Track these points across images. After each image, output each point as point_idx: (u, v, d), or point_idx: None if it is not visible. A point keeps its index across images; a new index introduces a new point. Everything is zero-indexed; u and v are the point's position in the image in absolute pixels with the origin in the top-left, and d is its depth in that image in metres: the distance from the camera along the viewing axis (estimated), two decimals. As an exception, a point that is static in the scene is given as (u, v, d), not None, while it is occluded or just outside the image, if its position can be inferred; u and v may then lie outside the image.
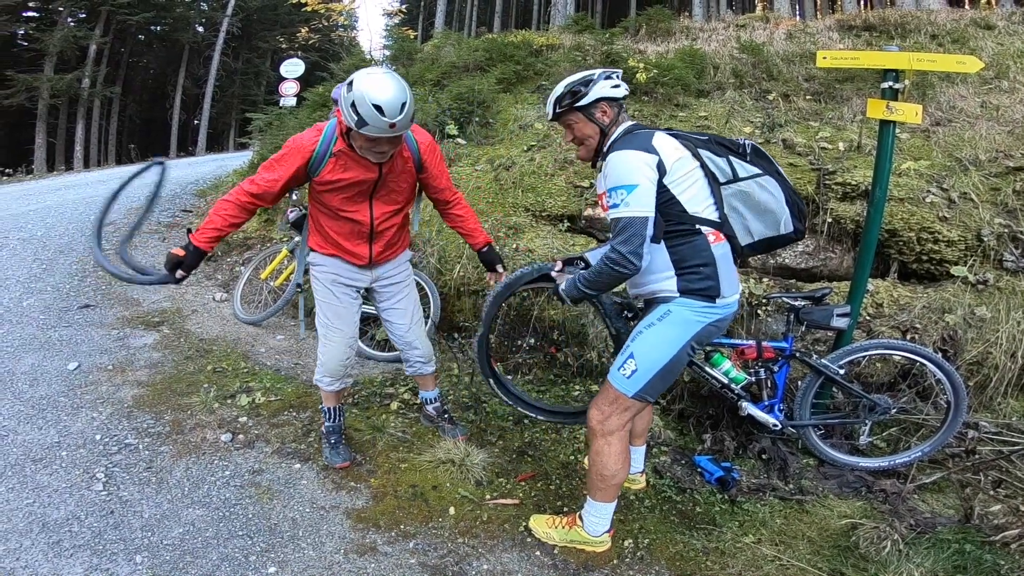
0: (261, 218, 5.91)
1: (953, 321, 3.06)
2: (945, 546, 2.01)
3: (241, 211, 2.15)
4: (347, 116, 1.91)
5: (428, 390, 2.82)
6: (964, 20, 7.37)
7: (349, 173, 2.13)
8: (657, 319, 1.88)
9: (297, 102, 10.27)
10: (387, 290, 2.54)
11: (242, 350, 3.75)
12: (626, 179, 1.76)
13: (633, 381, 1.88)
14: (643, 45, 7.42)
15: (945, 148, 4.17)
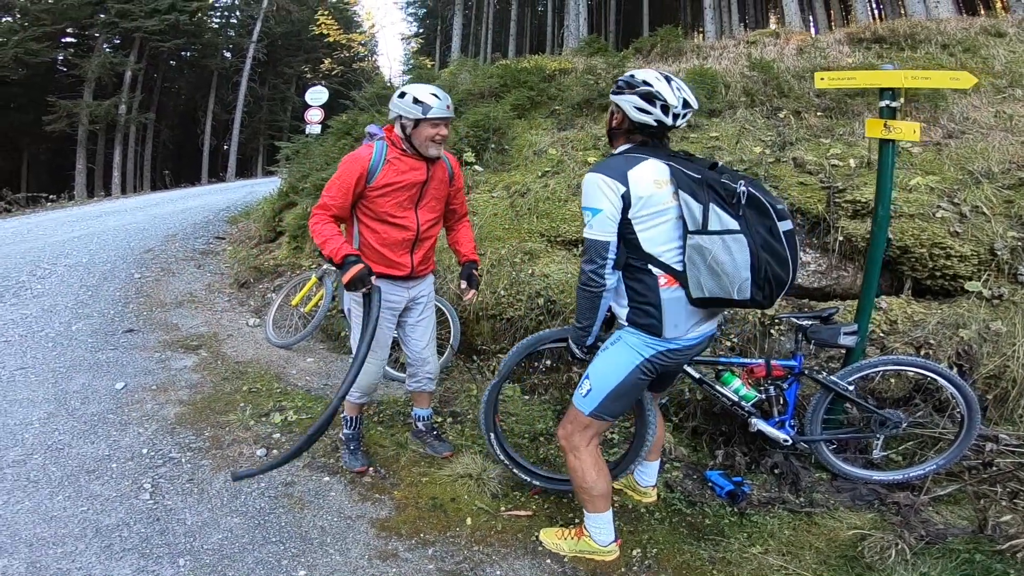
0: (290, 246, 6.18)
1: (968, 336, 3.09)
2: (954, 556, 2.05)
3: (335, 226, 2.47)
4: (411, 111, 2.38)
5: (424, 407, 3.00)
6: (974, 28, 7.29)
7: (403, 176, 2.48)
8: (611, 343, 1.99)
9: (321, 129, 10.69)
10: (416, 308, 2.76)
11: (275, 372, 3.95)
12: (592, 202, 1.85)
13: (588, 400, 2.00)
14: (655, 65, 7.56)
15: (957, 161, 4.18)
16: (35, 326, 4.38)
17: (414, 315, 2.78)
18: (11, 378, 3.51)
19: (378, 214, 2.50)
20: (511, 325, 3.85)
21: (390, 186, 2.46)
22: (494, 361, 3.75)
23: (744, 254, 1.77)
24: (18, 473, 2.58)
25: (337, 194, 2.44)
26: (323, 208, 2.46)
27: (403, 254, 2.58)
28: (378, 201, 2.47)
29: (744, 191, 1.79)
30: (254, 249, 7.02)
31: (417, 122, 2.39)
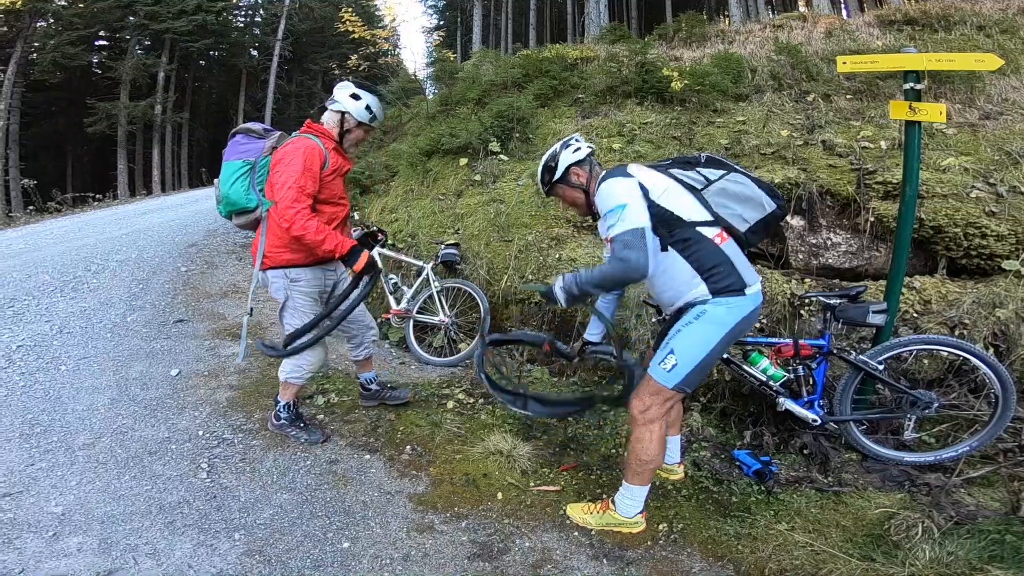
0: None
1: (1004, 316, 3.05)
2: (983, 536, 2.05)
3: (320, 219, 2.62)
4: (361, 115, 2.67)
5: (369, 371, 3.26)
6: (1012, 9, 7.00)
7: (341, 163, 2.75)
8: (694, 318, 2.06)
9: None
10: (343, 282, 2.96)
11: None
12: (616, 201, 2.01)
13: (673, 374, 2.06)
14: (678, 51, 7.46)
15: (994, 142, 4.08)
16: (94, 318, 4.66)
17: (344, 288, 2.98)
18: (76, 367, 3.77)
19: (330, 196, 2.70)
20: (539, 309, 3.95)
21: (335, 172, 2.69)
22: (522, 345, 3.85)
23: (745, 180, 2.19)
24: (88, 455, 2.79)
25: (310, 182, 2.55)
26: (302, 199, 2.52)
27: (344, 231, 2.83)
28: (330, 186, 2.69)
29: (704, 155, 2.29)
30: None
31: (359, 124, 2.70)
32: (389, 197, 5.95)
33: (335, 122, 2.70)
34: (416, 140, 6.69)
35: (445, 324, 4.22)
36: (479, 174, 5.34)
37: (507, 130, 5.62)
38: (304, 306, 2.76)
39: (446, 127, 6.05)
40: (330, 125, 2.70)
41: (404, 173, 6.13)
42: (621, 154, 4.75)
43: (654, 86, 5.54)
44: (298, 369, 2.85)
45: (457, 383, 3.66)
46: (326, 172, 2.64)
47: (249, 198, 2.74)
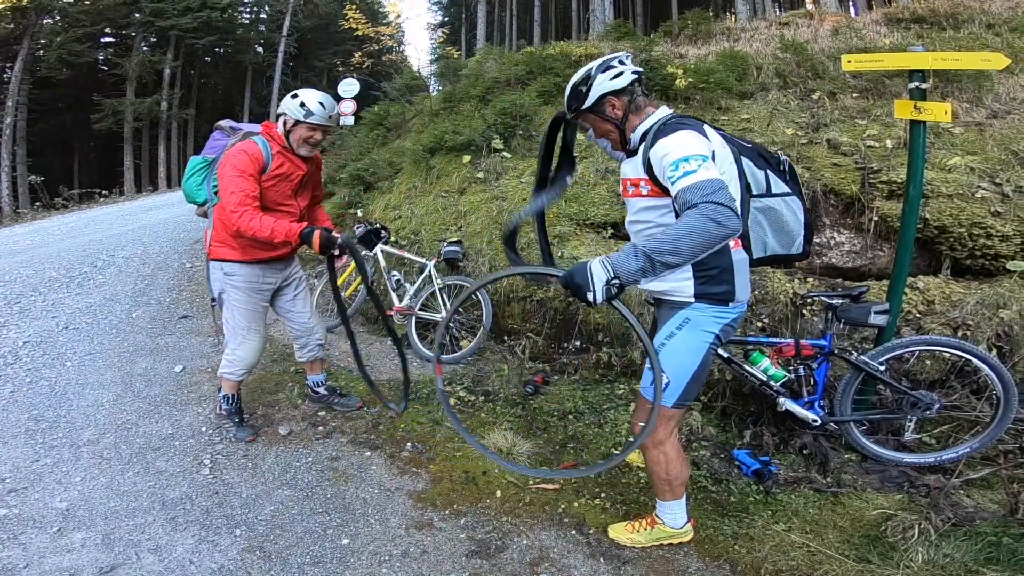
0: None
1: (1008, 317, 3.03)
2: (980, 538, 2.05)
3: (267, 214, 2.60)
4: (295, 112, 2.61)
5: (318, 374, 3.25)
6: (1022, 8, 6.92)
7: (288, 167, 2.71)
8: (677, 328, 1.89)
9: (355, 121, 10.95)
10: (292, 284, 3.01)
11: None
12: (696, 149, 1.67)
13: (668, 393, 1.90)
14: (683, 48, 7.41)
15: (1000, 142, 4.04)
16: (99, 314, 4.70)
17: (291, 291, 3.01)
18: (81, 363, 3.81)
19: (269, 201, 2.67)
20: (541, 307, 3.95)
21: (278, 177, 2.67)
22: (524, 341, 3.86)
23: (800, 212, 2.07)
24: (93, 451, 2.82)
25: (249, 185, 2.54)
26: (244, 201, 2.51)
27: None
28: (269, 191, 2.66)
29: (787, 161, 2.07)
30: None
31: (297, 122, 2.63)
32: (392, 194, 5.95)
33: (280, 124, 2.70)
34: (420, 137, 6.68)
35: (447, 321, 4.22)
36: (482, 171, 5.34)
37: (510, 127, 5.62)
38: (238, 301, 2.80)
39: (450, 124, 6.05)
40: (279, 128, 2.70)
41: (408, 170, 6.13)
42: (624, 152, 4.75)
43: (658, 83, 5.52)
44: (231, 365, 2.91)
45: (459, 380, 3.68)
46: (266, 175, 2.63)
47: (199, 192, 2.88)
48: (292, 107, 2.63)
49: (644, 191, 1.90)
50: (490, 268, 4.31)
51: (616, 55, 1.96)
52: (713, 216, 1.49)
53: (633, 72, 1.91)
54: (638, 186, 1.92)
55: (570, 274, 1.61)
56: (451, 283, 4.31)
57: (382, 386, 3.63)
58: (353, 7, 19.68)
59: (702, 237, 1.49)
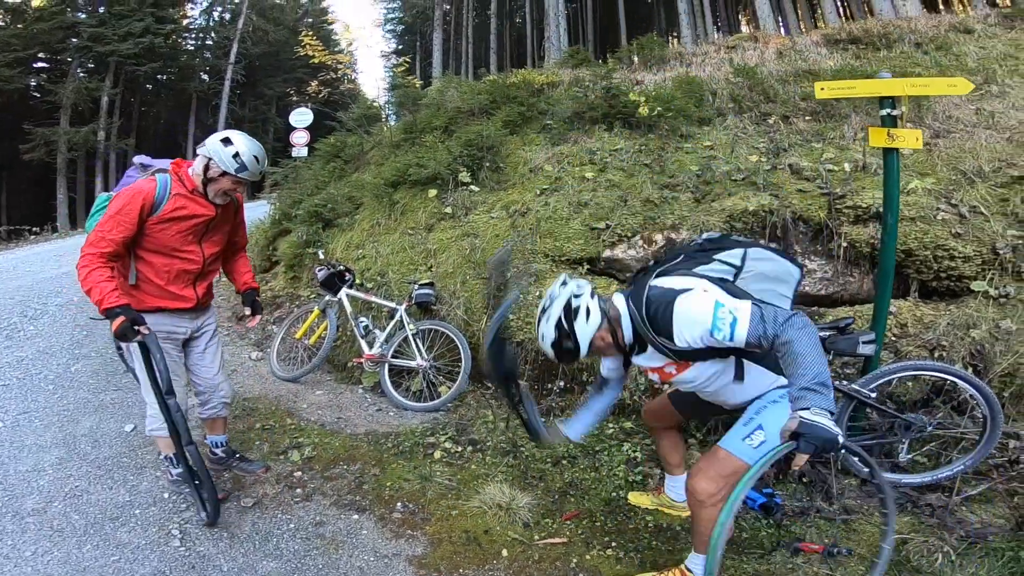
0: (287, 276, 6.12)
1: (979, 336, 3.13)
2: (999, 555, 2.08)
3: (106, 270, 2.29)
4: (226, 163, 2.41)
5: (219, 434, 2.96)
6: (943, 26, 7.45)
7: (189, 211, 2.48)
8: (780, 396, 1.92)
9: (308, 152, 10.63)
10: (202, 337, 2.77)
11: (286, 407, 3.90)
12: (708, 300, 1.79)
13: (759, 451, 1.88)
14: (639, 75, 7.54)
15: (948, 161, 4.27)
16: (33, 369, 4.27)
17: (200, 344, 2.77)
18: (15, 423, 3.42)
19: (160, 247, 2.46)
20: (521, 348, 3.83)
21: (175, 220, 2.44)
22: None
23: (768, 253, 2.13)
24: (41, 522, 2.51)
25: (116, 229, 2.32)
26: (94, 249, 2.28)
27: (186, 287, 2.58)
28: (160, 235, 2.43)
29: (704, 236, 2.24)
30: (250, 280, 6.93)
31: (224, 173, 2.44)
32: (354, 232, 5.70)
33: (200, 167, 2.47)
34: (380, 170, 6.51)
35: (423, 368, 4.05)
36: (450, 206, 5.21)
37: (477, 159, 5.53)
38: (136, 349, 2.48)
39: (412, 156, 5.92)
40: (196, 170, 2.48)
41: (369, 206, 5.91)
42: (594, 183, 4.74)
43: (621, 111, 5.58)
44: (155, 420, 2.63)
45: (442, 430, 3.51)
46: (155, 217, 2.39)
47: None
48: (224, 156, 2.41)
49: (674, 372, 1.99)
50: (465, 311, 4.16)
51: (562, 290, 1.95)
52: (800, 327, 1.66)
53: (590, 296, 1.96)
54: (663, 369, 2.01)
55: (810, 444, 1.58)
56: (425, 328, 4.14)
57: (359, 440, 3.41)
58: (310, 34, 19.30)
59: (814, 346, 1.64)
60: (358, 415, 3.87)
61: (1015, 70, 6.18)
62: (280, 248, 6.62)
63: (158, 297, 2.50)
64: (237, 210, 2.77)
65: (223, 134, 2.48)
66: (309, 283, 5.76)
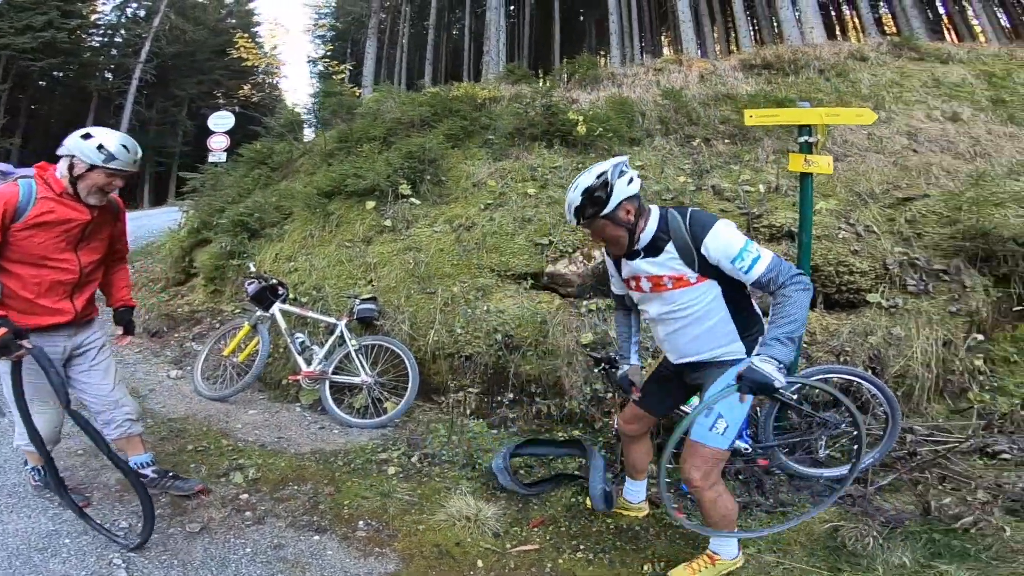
0: (208, 290, 5.75)
1: (875, 342, 3.55)
2: (916, 538, 2.37)
3: None
4: (90, 156, 2.24)
5: (139, 453, 2.75)
6: (843, 53, 8.24)
7: (59, 214, 2.28)
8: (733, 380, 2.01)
9: (227, 157, 10.05)
10: (87, 354, 2.56)
11: (218, 427, 3.70)
12: (742, 239, 1.98)
13: (726, 437, 2.05)
14: (574, 93, 7.78)
15: (846, 183, 4.80)
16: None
17: (85, 362, 2.55)
18: None
19: (27, 257, 2.27)
20: (470, 362, 3.86)
21: (42, 226, 2.26)
22: (461, 395, 3.74)
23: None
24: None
25: None
26: None
27: (61, 300, 2.38)
28: (26, 244, 2.25)
29: None
30: (162, 294, 6.43)
31: (92, 167, 2.27)
32: (284, 243, 5.46)
33: (64, 168, 2.29)
34: (313, 179, 6.31)
35: (367, 384, 3.96)
36: (389, 219, 5.14)
37: (418, 172, 5.49)
38: (7, 373, 2.28)
39: (349, 166, 5.78)
40: (61, 171, 2.30)
41: (301, 216, 5.69)
42: (536, 199, 4.87)
43: (559, 129, 5.77)
44: (24, 437, 2.45)
45: (393, 446, 3.46)
46: (20, 224, 2.21)
47: None
48: (85, 150, 2.24)
49: (692, 280, 2.05)
50: (411, 326, 4.13)
51: (620, 160, 2.09)
52: (805, 287, 1.90)
53: (639, 180, 2.09)
54: (682, 279, 2.06)
55: (751, 381, 1.84)
56: (368, 343, 4.06)
57: (306, 459, 3.29)
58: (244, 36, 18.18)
59: (806, 306, 1.88)
60: (300, 434, 3.73)
61: (900, 97, 7.02)
62: (199, 259, 6.20)
63: (27, 314, 2.26)
64: (118, 214, 2.59)
65: (82, 131, 2.31)
66: (234, 297, 5.46)
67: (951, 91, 7.03)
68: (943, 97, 6.91)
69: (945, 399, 3.53)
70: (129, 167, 2.33)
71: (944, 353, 3.56)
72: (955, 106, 6.61)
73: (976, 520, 2.41)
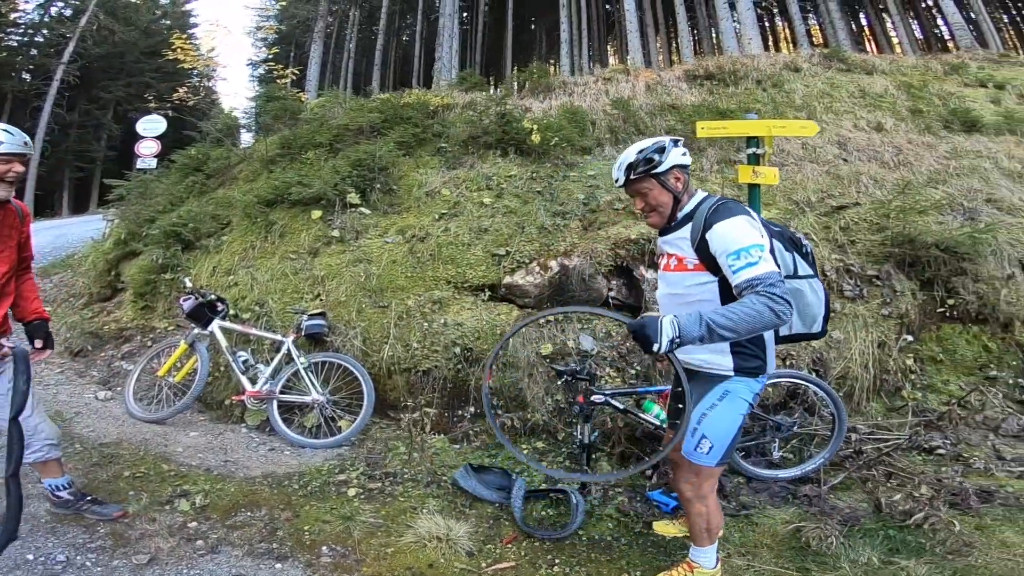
0: (137, 306, 5.35)
1: (818, 345, 3.71)
2: (874, 535, 2.46)
3: None
4: None
5: (57, 476, 2.60)
6: (779, 64, 8.64)
7: None
8: (718, 399, 2.01)
9: (157, 163, 9.47)
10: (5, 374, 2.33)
11: (156, 452, 3.44)
12: (753, 238, 1.84)
13: (712, 455, 2.02)
14: (527, 101, 7.79)
15: (785, 192, 5.02)
16: None
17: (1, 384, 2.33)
18: None
19: None
20: (428, 377, 3.75)
21: None
22: (419, 413, 3.62)
23: (822, 294, 2.19)
24: None
25: None
26: None
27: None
28: None
29: (808, 245, 2.20)
30: (85, 310, 5.93)
31: None
32: (223, 255, 5.14)
33: None
34: (253, 187, 6.00)
35: (319, 403, 3.77)
36: (337, 229, 4.93)
37: (368, 180, 5.32)
38: None
39: (293, 174, 5.52)
40: None
41: (240, 226, 5.37)
42: (492, 208, 4.82)
43: (514, 137, 5.74)
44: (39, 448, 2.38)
45: (351, 466, 3.30)
46: None
47: None
48: None
49: (689, 266, 2.01)
50: (363, 342, 3.97)
51: (678, 138, 2.12)
52: (772, 305, 1.71)
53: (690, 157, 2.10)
54: (682, 261, 2.03)
55: (641, 325, 1.75)
56: (318, 360, 3.87)
57: (258, 483, 3.09)
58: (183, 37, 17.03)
59: (758, 322, 1.71)
60: (248, 456, 3.51)
61: (830, 107, 7.43)
62: (126, 273, 5.74)
63: None
64: (24, 218, 2.42)
65: None
66: (167, 313, 5.11)
67: (875, 101, 7.51)
68: (868, 107, 7.37)
69: (882, 398, 3.73)
70: (21, 148, 2.20)
71: (880, 354, 3.77)
72: (879, 116, 7.07)
73: (927, 516, 2.53)
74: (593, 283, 4.09)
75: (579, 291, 4.05)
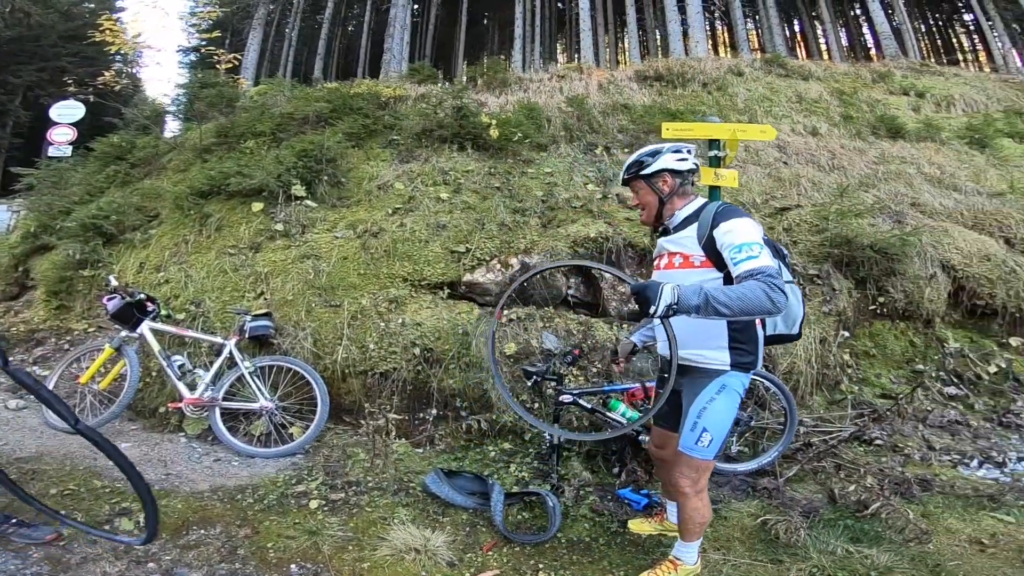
0: (50, 306, 4.84)
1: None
2: (834, 525, 2.56)
3: None
4: None
5: None
6: (723, 68, 8.97)
7: None
8: (716, 393, 2.10)
9: (72, 151, 8.73)
10: None
11: (85, 466, 3.11)
12: (756, 237, 1.96)
13: (711, 448, 2.10)
14: (483, 96, 7.67)
15: (731, 194, 5.18)
16: None
17: None
18: None
19: None
20: (386, 379, 3.60)
21: None
22: (380, 418, 3.46)
23: (800, 298, 2.31)
24: None
25: None
26: None
27: None
28: None
29: (787, 253, 2.31)
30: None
31: None
32: (151, 250, 4.73)
33: None
34: (186, 177, 5.57)
35: (268, 409, 3.53)
36: (281, 223, 4.63)
37: (314, 171, 5.03)
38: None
39: (232, 164, 5.15)
40: None
41: (171, 219, 4.96)
42: (450, 204, 4.69)
43: (471, 132, 5.62)
44: None
45: (308, 476, 3.10)
46: None
47: None
48: None
49: (696, 263, 2.11)
50: (314, 343, 3.76)
51: (685, 145, 2.24)
52: (768, 292, 1.79)
53: (693, 163, 2.20)
54: (688, 259, 2.13)
55: (644, 286, 1.81)
56: (265, 364, 3.63)
57: (207, 498, 2.84)
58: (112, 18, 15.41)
59: (753, 304, 1.79)
60: (192, 469, 3.24)
61: (770, 111, 7.79)
62: (37, 269, 5.19)
63: None
64: None
65: None
66: (87, 314, 4.66)
67: (811, 107, 7.93)
68: (804, 112, 7.78)
69: (823, 391, 3.93)
70: None
71: (821, 350, 3.97)
72: (815, 121, 7.49)
73: (882, 505, 2.67)
74: (553, 280, 4.07)
75: (539, 289, 4.01)
